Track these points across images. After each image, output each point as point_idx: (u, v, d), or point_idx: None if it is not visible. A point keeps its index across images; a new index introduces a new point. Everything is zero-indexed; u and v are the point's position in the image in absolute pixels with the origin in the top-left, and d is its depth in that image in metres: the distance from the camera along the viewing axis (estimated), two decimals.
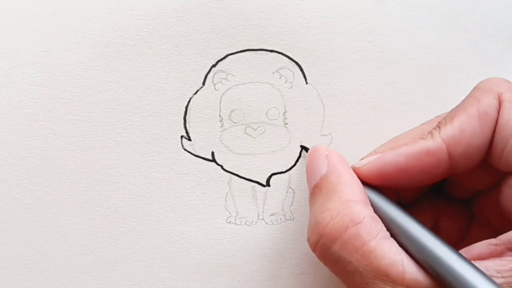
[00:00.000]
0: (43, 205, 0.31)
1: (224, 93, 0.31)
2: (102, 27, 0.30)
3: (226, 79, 0.31)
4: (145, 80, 0.30)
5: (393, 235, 0.25)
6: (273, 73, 0.31)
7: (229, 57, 0.31)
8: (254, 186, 0.31)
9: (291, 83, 0.31)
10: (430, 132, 0.26)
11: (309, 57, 0.31)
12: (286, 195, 0.32)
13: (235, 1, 0.30)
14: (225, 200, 0.31)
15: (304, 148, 0.31)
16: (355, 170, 0.27)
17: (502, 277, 0.23)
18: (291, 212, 0.32)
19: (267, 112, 0.31)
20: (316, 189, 0.27)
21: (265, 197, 0.32)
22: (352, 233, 0.24)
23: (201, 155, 0.31)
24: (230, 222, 0.31)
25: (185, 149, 0.31)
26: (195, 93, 0.31)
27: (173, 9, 0.30)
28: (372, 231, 0.24)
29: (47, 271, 0.31)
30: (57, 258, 0.31)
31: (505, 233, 0.25)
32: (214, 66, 0.31)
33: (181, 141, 0.31)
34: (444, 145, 0.26)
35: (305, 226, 0.32)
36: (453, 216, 0.30)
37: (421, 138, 0.26)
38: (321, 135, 0.31)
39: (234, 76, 0.31)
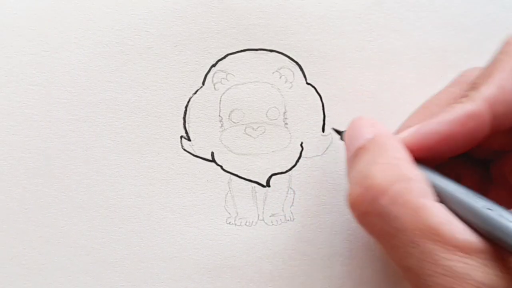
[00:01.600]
0: (43, 205, 0.31)
1: (224, 93, 0.31)
2: (102, 27, 0.30)
3: (226, 79, 0.31)
4: (144, 80, 0.30)
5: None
6: (273, 73, 0.31)
7: (229, 56, 0.31)
8: (254, 186, 0.31)
9: (291, 83, 0.31)
10: (466, 95, 0.25)
11: (309, 57, 0.31)
12: (286, 196, 0.32)
13: (235, 1, 0.30)
14: (225, 200, 0.31)
15: (336, 131, 0.30)
16: None
17: None
18: (292, 212, 0.32)
19: (267, 112, 0.31)
20: (362, 150, 0.25)
21: (265, 197, 0.31)
22: (403, 186, 0.23)
23: (201, 155, 0.31)
24: (230, 222, 0.31)
25: (184, 149, 0.31)
26: (195, 93, 0.31)
27: (173, 9, 0.30)
28: (423, 190, 0.23)
29: (47, 271, 0.31)
30: (56, 259, 0.31)
31: None
32: (214, 66, 0.31)
33: (181, 141, 0.31)
34: (488, 105, 0.24)
35: (305, 226, 0.31)
36: (473, 177, 0.29)
37: (457, 103, 0.25)
38: (321, 135, 0.31)
39: (234, 76, 0.31)
